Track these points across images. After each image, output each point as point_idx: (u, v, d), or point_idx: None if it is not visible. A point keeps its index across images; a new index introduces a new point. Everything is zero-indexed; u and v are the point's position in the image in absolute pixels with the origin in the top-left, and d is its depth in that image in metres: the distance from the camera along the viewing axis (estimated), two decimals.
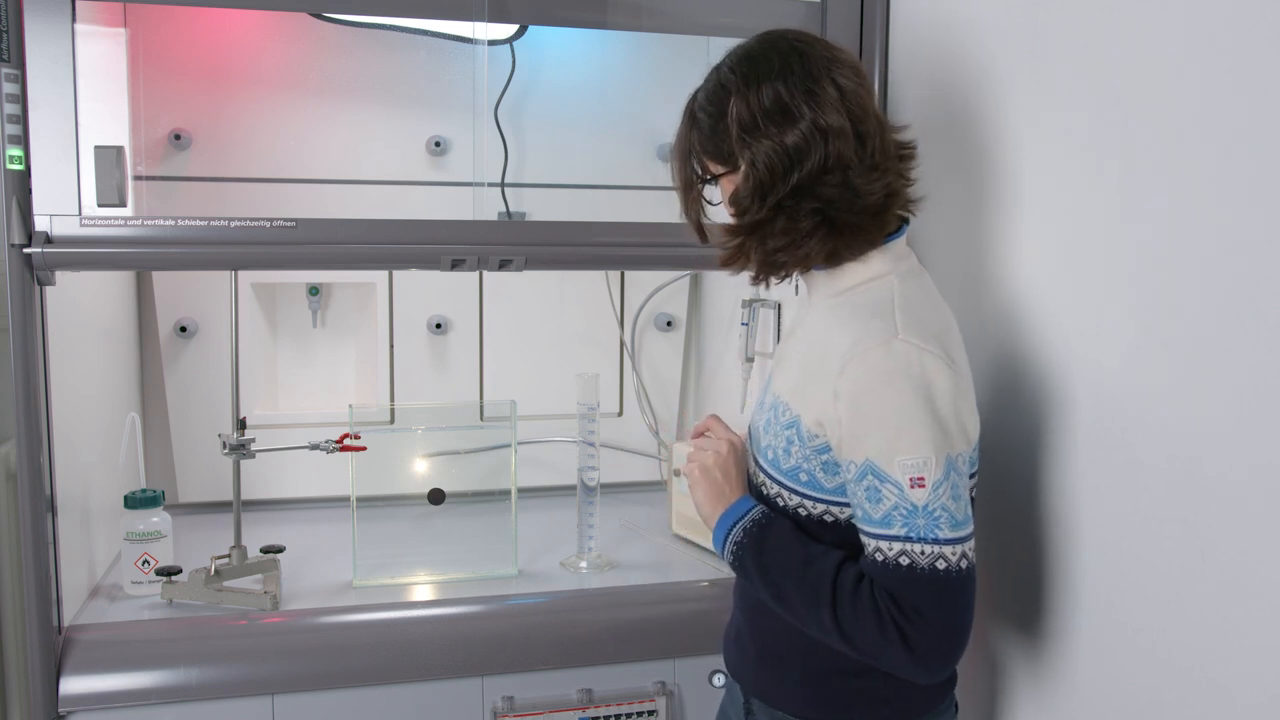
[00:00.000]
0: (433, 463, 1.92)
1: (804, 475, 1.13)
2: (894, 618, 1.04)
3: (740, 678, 1.27)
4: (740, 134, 1.10)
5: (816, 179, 1.09)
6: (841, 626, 1.07)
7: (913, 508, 1.03)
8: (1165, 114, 1.05)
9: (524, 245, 1.57)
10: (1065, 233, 1.22)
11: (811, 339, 1.17)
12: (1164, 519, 1.05)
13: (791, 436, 1.14)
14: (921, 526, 1.03)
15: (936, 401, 1.04)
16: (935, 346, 1.07)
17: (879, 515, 1.05)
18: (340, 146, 1.98)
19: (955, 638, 1.05)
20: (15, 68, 1.35)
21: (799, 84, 1.09)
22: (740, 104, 1.10)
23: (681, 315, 2.31)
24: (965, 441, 1.08)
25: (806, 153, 1.08)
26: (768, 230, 1.12)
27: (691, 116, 1.18)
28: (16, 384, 1.38)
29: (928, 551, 1.03)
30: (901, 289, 1.12)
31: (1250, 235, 0.94)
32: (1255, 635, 0.94)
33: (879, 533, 1.05)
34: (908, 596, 1.04)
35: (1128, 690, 1.11)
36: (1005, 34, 1.33)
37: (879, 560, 1.05)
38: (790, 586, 1.10)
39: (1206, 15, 0.99)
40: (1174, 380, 1.03)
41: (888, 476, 1.04)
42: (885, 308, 1.10)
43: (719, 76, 1.15)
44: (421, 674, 1.55)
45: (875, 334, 1.07)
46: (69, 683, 1.44)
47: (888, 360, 1.05)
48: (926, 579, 1.03)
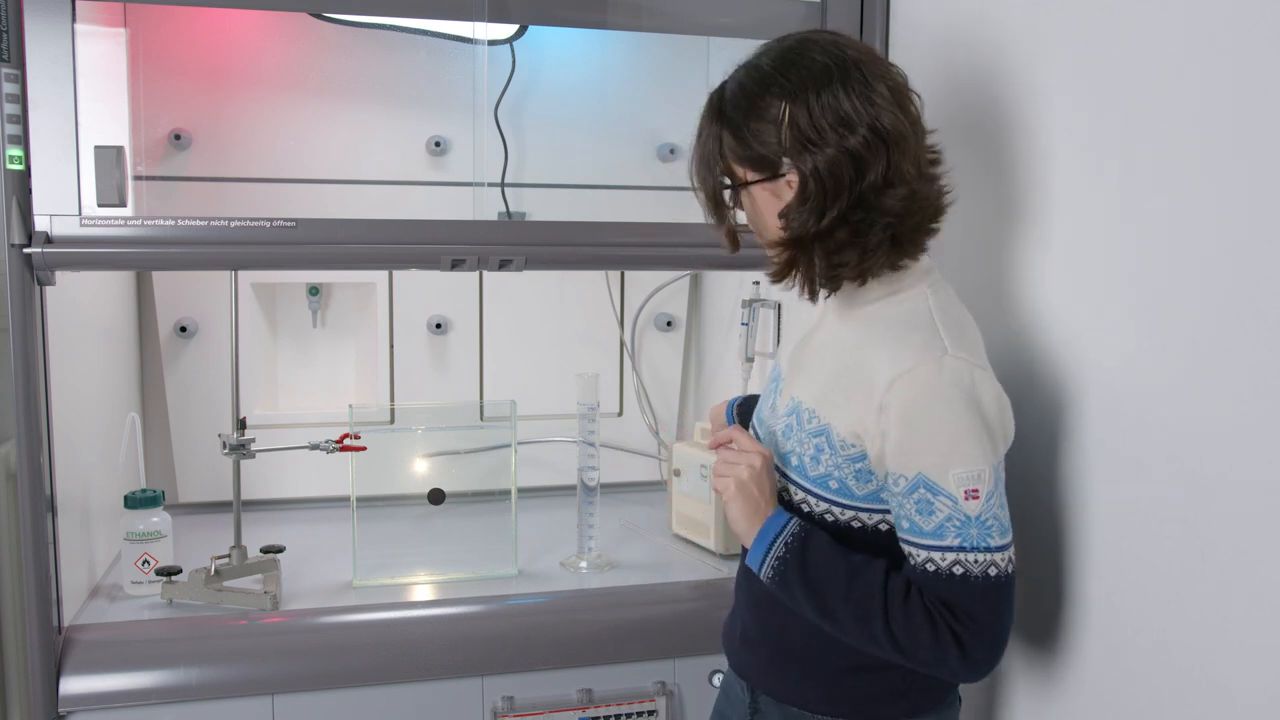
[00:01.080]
0: (433, 463, 1.92)
1: (834, 483, 1.13)
2: (949, 624, 1.05)
3: (748, 675, 1.26)
4: (798, 141, 1.06)
5: (880, 189, 1.07)
6: (895, 636, 1.07)
7: (966, 519, 1.04)
8: (1168, 113, 1.05)
9: (524, 245, 1.57)
10: (1068, 234, 1.22)
11: (840, 348, 1.15)
12: (1166, 519, 1.05)
13: (821, 444, 1.13)
14: (975, 536, 1.05)
15: (987, 415, 1.06)
16: (982, 360, 1.09)
17: (931, 527, 1.06)
18: (340, 146, 1.98)
19: (1004, 638, 1.08)
20: (15, 68, 1.35)
21: (857, 88, 1.06)
22: (797, 109, 1.06)
23: (681, 315, 2.31)
24: (1007, 446, 1.10)
25: (869, 161, 1.06)
26: (828, 243, 1.09)
27: (721, 119, 1.12)
28: (16, 384, 1.38)
29: (981, 560, 1.05)
30: (936, 301, 1.12)
31: (1255, 236, 0.94)
32: (1256, 635, 0.94)
33: (932, 544, 1.06)
34: (962, 604, 1.05)
35: (1127, 688, 1.11)
36: (1005, 34, 1.33)
37: (931, 571, 1.06)
38: (836, 598, 1.09)
39: (1209, 13, 0.99)
40: (1178, 382, 1.03)
41: (941, 489, 1.05)
42: (925, 321, 1.10)
43: (759, 78, 1.09)
44: (421, 674, 1.55)
45: (924, 350, 1.07)
46: (69, 683, 1.44)
47: (941, 377, 1.05)
48: (980, 586, 1.05)
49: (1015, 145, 1.31)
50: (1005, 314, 1.34)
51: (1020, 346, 1.30)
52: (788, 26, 1.62)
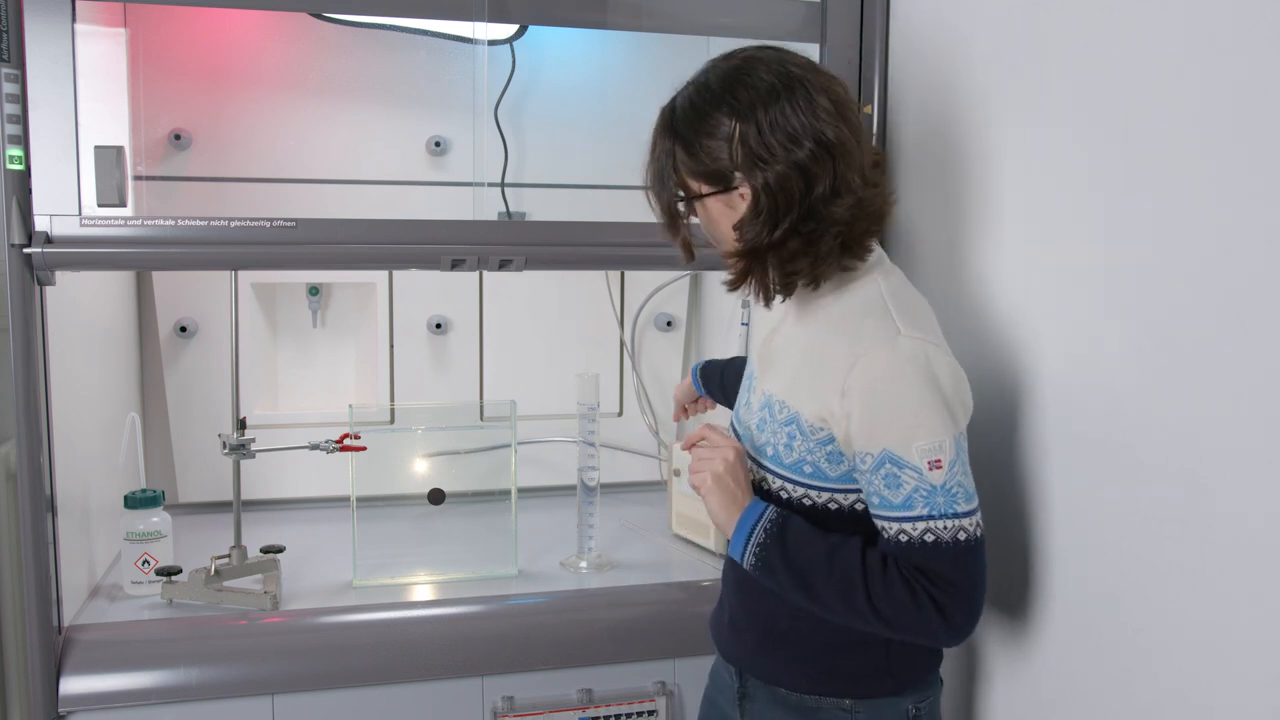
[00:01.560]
0: (433, 463, 1.92)
1: (808, 467, 1.17)
2: (927, 590, 1.10)
3: (736, 660, 1.30)
4: (748, 158, 1.10)
5: (828, 199, 1.11)
6: (876, 607, 1.11)
7: (932, 488, 1.09)
8: (1157, 121, 1.05)
9: (524, 245, 1.57)
10: (1048, 235, 1.23)
11: (801, 343, 1.20)
12: (1124, 506, 1.11)
13: (793, 432, 1.18)
14: (942, 504, 1.09)
15: (943, 388, 1.10)
16: (935, 337, 1.14)
17: (900, 499, 1.10)
18: (340, 146, 1.98)
19: (980, 599, 1.12)
20: (15, 68, 1.35)
21: (802, 103, 1.10)
22: (747, 127, 1.10)
23: (681, 315, 2.31)
24: (966, 418, 1.14)
25: (817, 174, 1.10)
26: (781, 253, 1.13)
27: (673, 134, 1.16)
28: (16, 384, 1.38)
29: (950, 526, 1.10)
30: (888, 286, 1.17)
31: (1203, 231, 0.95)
32: (1205, 604, 0.99)
33: (901, 515, 1.11)
34: (936, 569, 1.10)
35: (1091, 660, 1.17)
36: (1005, 34, 1.33)
37: (904, 542, 1.11)
38: (818, 577, 1.13)
39: (1203, 21, 0.99)
40: (1133, 376, 1.09)
41: (906, 463, 1.09)
42: (878, 306, 1.15)
43: (707, 95, 1.13)
44: (421, 674, 1.55)
45: (878, 333, 1.12)
46: (69, 683, 1.44)
47: (896, 356, 1.10)
48: (952, 551, 1.09)
49: (1008, 148, 1.31)
50: (986, 313, 1.37)
51: (992, 340, 1.35)
52: (788, 26, 1.63)
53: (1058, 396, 1.23)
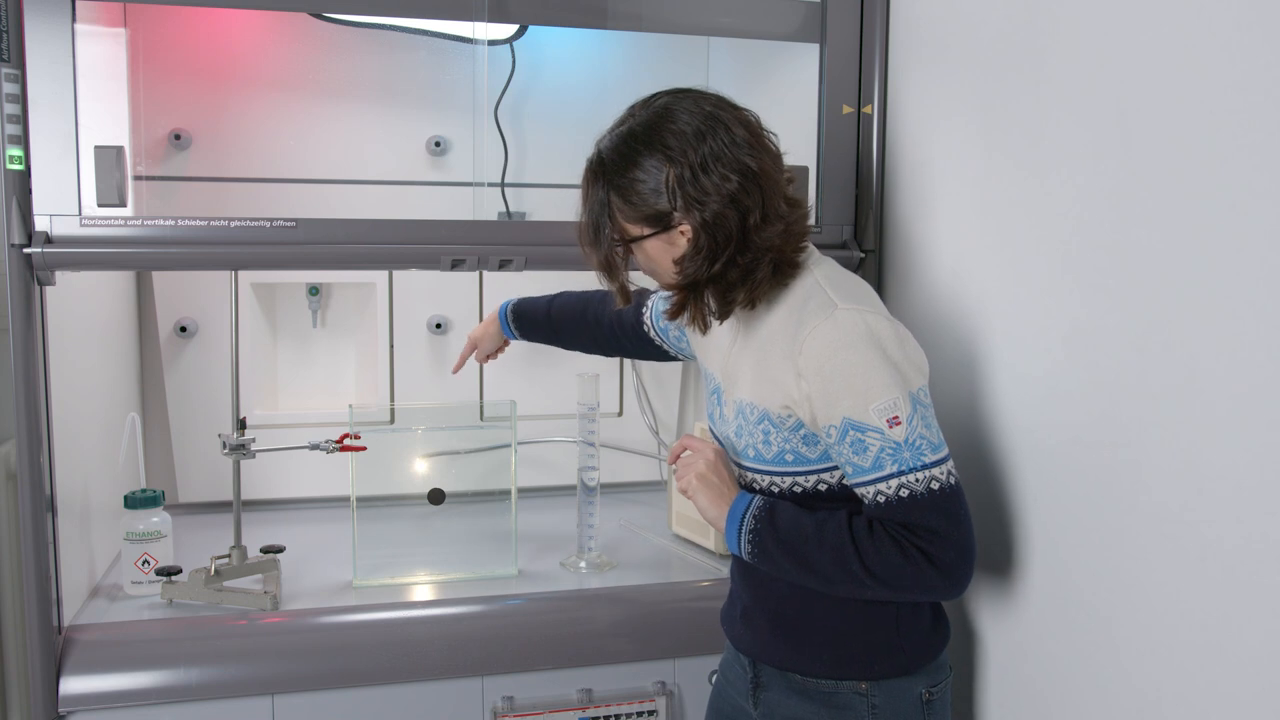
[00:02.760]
0: (433, 463, 1.92)
1: (789, 455, 1.22)
2: (914, 544, 1.14)
3: (750, 651, 1.33)
4: (686, 199, 1.15)
5: (760, 228, 1.17)
6: (870, 569, 1.15)
7: (896, 445, 1.14)
8: (1156, 120, 1.05)
9: (524, 245, 1.57)
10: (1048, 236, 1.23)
11: (756, 343, 1.25)
12: (1106, 514, 1.15)
13: (766, 428, 1.23)
14: (908, 459, 1.14)
15: (888, 349, 1.15)
16: (871, 306, 1.19)
17: (869, 463, 1.15)
18: (340, 146, 1.98)
19: (969, 543, 1.16)
20: (15, 68, 1.35)
21: (724, 139, 1.16)
22: (680, 170, 1.15)
23: None
24: (921, 376, 1.18)
25: (748, 205, 1.16)
26: (720, 284, 1.20)
27: (606, 184, 1.21)
28: (16, 384, 1.38)
29: (921, 478, 1.14)
30: (821, 273, 1.23)
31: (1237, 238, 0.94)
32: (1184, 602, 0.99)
33: (874, 477, 1.15)
34: (917, 520, 1.14)
35: (1074, 654, 1.21)
36: (1005, 34, 1.33)
37: (881, 502, 1.16)
38: (812, 551, 1.18)
39: (1201, 18, 0.99)
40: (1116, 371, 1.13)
41: (867, 426, 1.14)
42: (814, 291, 1.21)
43: (634, 143, 1.18)
44: (421, 674, 1.55)
45: (818, 312, 1.18)
46: (69, 683, 1.44)
47: (837, 329, 1.16)
48: (928, 501, 1.14)
49: (1008, 149, 1.31)
50: (970, 305, 1.40)
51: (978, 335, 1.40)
52: (788, 26, 1.63)
53: (1051, 401, 1.24)
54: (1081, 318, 1.18)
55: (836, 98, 1.63)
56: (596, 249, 1.25)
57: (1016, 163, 1.31)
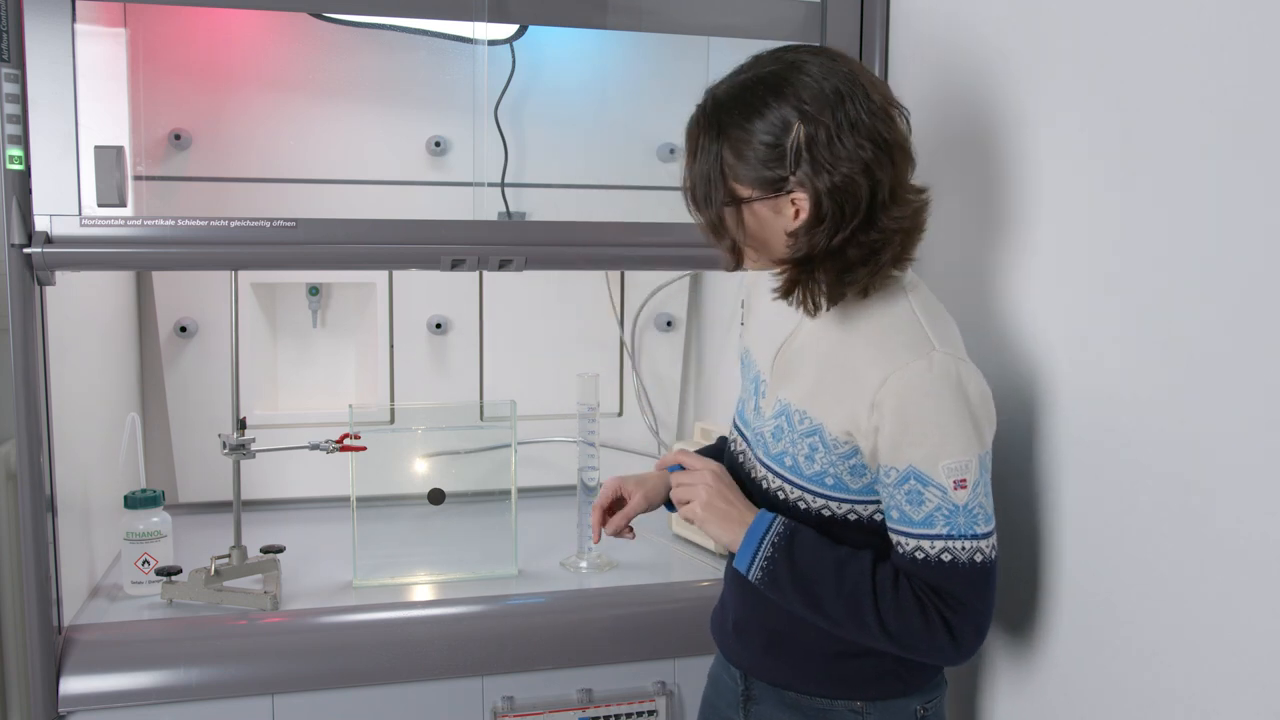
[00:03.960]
0: (433, 463, 1.92)
1: (830, 479, 1.15)
2: (939, 609, 1.09)
3: (741, 664, 1.29)
4: (814, 161, 1.05)
5: (887, 206, 1.07)
6: (885, 623, 1.10)
7: (954, 508, 1.08)
8: (1171, 115, 1.05)
9: (524, 245, 1.57)
10: (1052, 239, 1.23)
11: (824, 351, 1.16)
12: (1138, 517, 1.10)
13: (815, 444, 1.15)
14: (962, 524, 1.08)
15: (973, 406, 1.09)
16: (963, 353, 1.12)
17: (920, 517, 1.09)
18: (340, 146, 1.98)
19: (988, 621, 1.12)
20: (15, 68, 1.35)
21: (863, 105, 1.06)
22: (814, 130, 1.04)
23: (681, 315, 2.31)
24: (991, 436, 1.12)
25: (880, 178, 1.06)
26: (839, 261, 1.09)
27: (720, 136, 1.09)
28: (16, 384, 1.38)
29: (968, 547, 1.09)
30: (918, 300, 1.14)
31: (1247, 241, 0.94)
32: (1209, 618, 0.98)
33: (921, 533, 1.09)
34: (950, 589, 1.09)
35: (1097, 667, 1.17)
36: (1005, 34, 1.33)
37: (920, 559, 1.10)
38: (827, 591, 1.12)
39: (1213, 13, 0.99)
40: (1150, 386, 1.08)
41: (931, 480, 1.08)
42: (910, 321, 1.12)
43: (762, 95, 1.06)
44: (421, 674, 1.55)
45: (912, 348, 1.09)
46: (69, 683, 1.44)
47: (931, 372, 1.08)
48: (967, 572, 1.09)
49: (1008, 150, 1.31)
50: (1000, 319, 1.35)
51: (1001, 347, 1.34)
52: (788, 26, 1.63)
53: (1071, 406, 1.21)
54: (1085, 317, 1.18)
55: None
56: (707, 208, 1.11)
57: (1017, 162, 1.31)
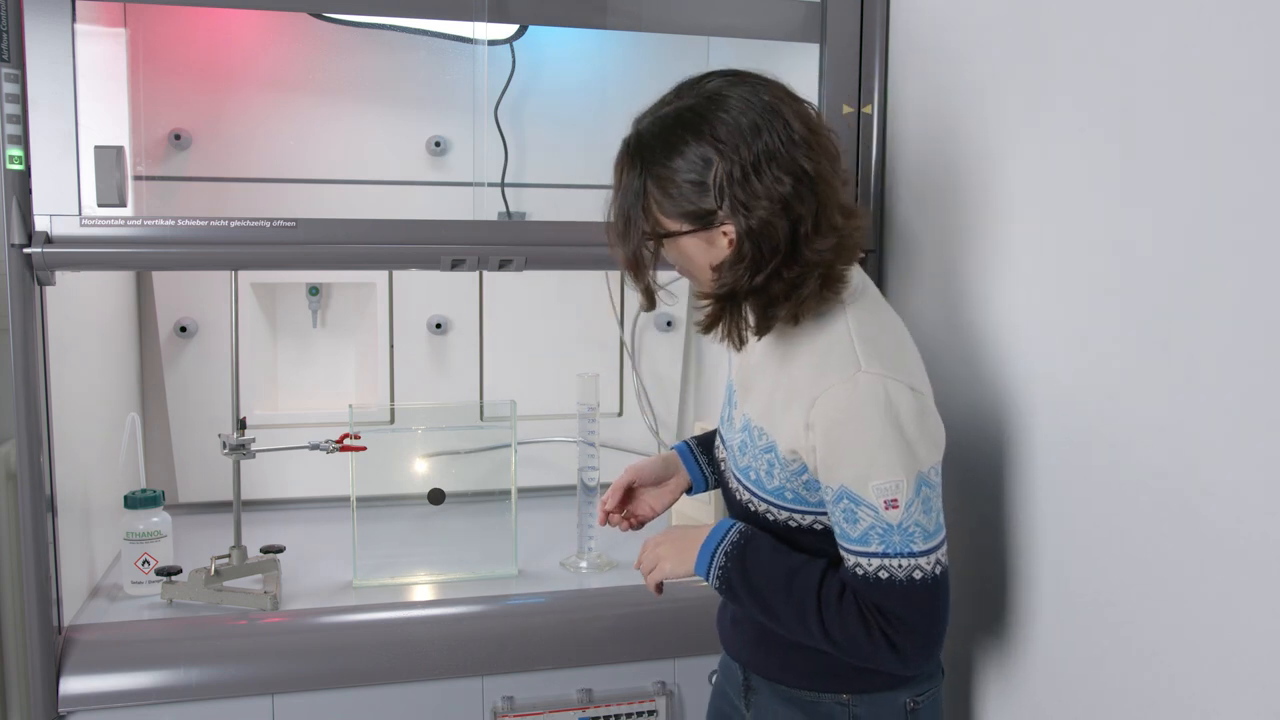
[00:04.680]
0: (433, 463, 1.92)
1: (789, 494, 1.17)
2: (880, 626, 1.09)
3: (740, 657, 1.31)
4: (733, 200, 1.04)
5: (810, 239, 1.06)
6: (829, 634, 1.11)
7: (888, 526, 1.07)
8: (1160, 124, 1.05)
9: (524, 245, 1.57)
10: (1046, 240, 1.24)
11: (773, 368, 1.19)
12: (1117, 512, 1.12)
13: (772, 460, 1.17)
14: (897, 543, 1.08)
15: (904, 425, 1.07)
16: (896, 371, 1.09)
17: (856, 534, 1.10)
18: (340, 146, 1.98)
19: (935, 637, 1.12)
20: (15, 68, 1.35)
21: (781, 136, 1.04)
22: (731, 167, 1.04)
23: (681, 315, 2.31)
24: (934, 452, 1.10)
25: (801, 213, 1.05)
26: (762, 297, 1.09)
27: (644, 172, 1.08)
28: (16, 384, 1.38)
29: (905, 564, 1.08)
30: (854, 317, 1.13)
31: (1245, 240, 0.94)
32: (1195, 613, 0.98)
33: (858, 549, 1.10)
34: (890, 607, 1.09)
35: (1084, 663, 1.19)
36: (1005, 34, 1.33)
37: (859, 574, 1.10)
38: (777, 601, 1.14)
39: (1206, 16, 0.99)
40: (1128, 384, 1.10)
41: (863, 500, 1.08)
42: (842, 339, 1.11)
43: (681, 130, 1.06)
44: (421, 674, 1.55)
45: (839, 368, 1.09)
46: (69, 683, 1.44)
47: (855, 395, 1.07)
48: (904, 589, 1.08)
49: (1012, 150, 1.31)
50: (981, 326, 1.37)
51: (979, 344, 1.37)
52: (788, 26, 1.63)
53: (1051, 402, 1.23)
54: (1084, 317, 1.18)
55: (836, 98, 1.63)
56: (625, 243, 1.11)
57: (1017, 162, 1.31)
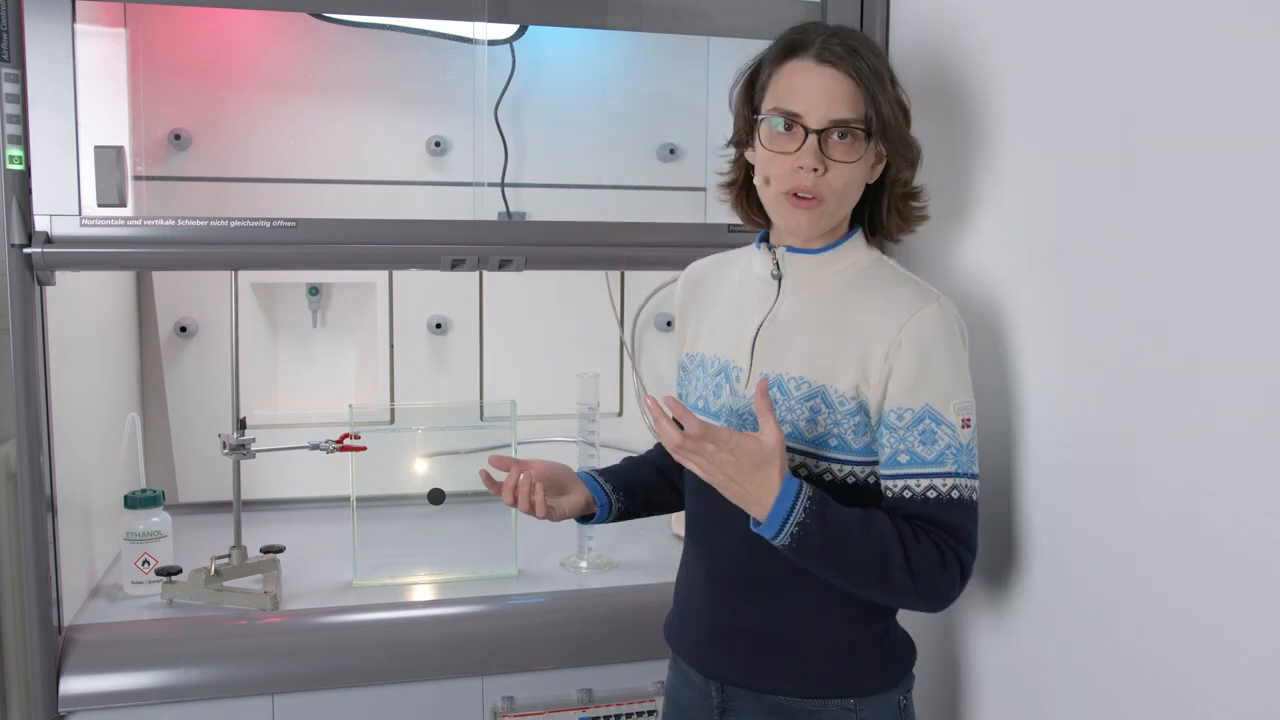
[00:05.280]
0: (433, 463, 1.92)
1: (833, 440, 1.19)
2: (952, 547, 1.14)
3: (721, 675, 1.25)
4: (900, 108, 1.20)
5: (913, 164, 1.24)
6: (912, 568, 1.12)
7: (961, 446, 1.15)
8: (1158, 118, 1.05)
9: (524, 245, 1.57)
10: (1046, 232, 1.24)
11: (818, 320, 1.21)
12: (1111, 500, 1.13)
13: (816, 406, 1.18)
14: (966, 463, 1.16)
15: (968, 354, 1.19)
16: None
17: (933, 455, 1.15)
18: (340, 146, 1.98)
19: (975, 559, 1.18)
20: (15, 68, 1.35)
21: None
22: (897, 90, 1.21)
23: None
24: None
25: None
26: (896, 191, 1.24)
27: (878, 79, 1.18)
28: (16, 384, 1.38)
29: (969, 485, 1.16)
30: (895, 265, 1.26)
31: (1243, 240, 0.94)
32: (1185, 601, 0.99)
33: (934, 471, 1.15)
34: (961, 524, 1.15)
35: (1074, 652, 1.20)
36: (1005, 34, 1.33)
37: (932, 498, 1.14)
38: (855, 546, 1.11)
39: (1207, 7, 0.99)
40: (1124, 371, 1.11)
41: (944, 419, 1.15)
42: (903, 278, 1.22)
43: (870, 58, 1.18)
44: (421, 674, 1.55)
45: (922, 295, 1.18)
46: (69, 683, 1.44)
47: (944, 316, 1.17)
48: (971, 509, 1.16)
49: (1011, 148, 1.31)
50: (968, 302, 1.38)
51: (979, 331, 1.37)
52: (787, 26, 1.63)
53: (1051, 402, 1.24)
54: (1083, 317, 1.18)
55: None
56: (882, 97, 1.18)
57: (1017, 162, 1.31)
